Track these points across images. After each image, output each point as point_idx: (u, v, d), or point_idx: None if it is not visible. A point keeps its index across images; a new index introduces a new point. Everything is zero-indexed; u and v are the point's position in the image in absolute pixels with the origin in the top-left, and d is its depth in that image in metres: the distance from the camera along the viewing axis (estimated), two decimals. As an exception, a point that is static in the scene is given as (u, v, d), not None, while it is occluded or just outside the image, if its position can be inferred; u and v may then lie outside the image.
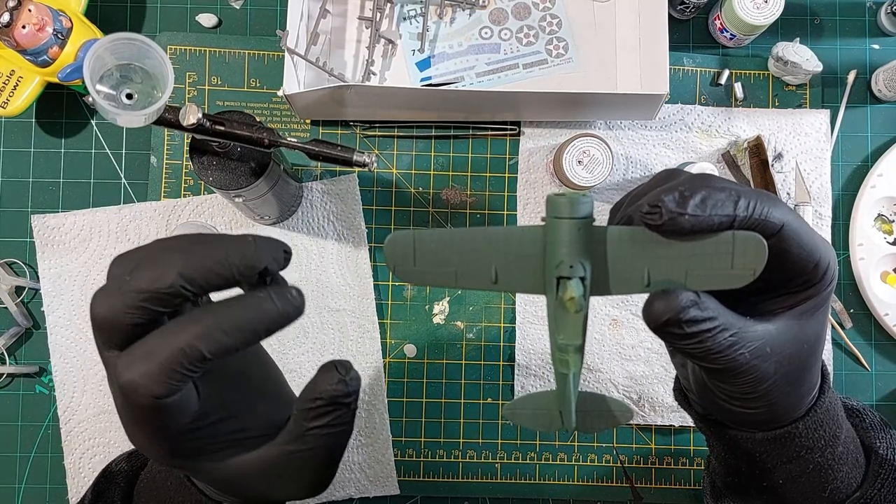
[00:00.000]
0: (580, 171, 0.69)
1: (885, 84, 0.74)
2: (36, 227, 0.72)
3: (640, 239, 0.35)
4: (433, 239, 0.36)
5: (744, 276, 0.34)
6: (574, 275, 0.34)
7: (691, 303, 0.34)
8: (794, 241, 0.35)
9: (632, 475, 0.73)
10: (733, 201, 0.34)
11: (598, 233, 0.35)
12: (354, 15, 0.75)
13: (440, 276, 0.36)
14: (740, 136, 0.74)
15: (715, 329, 0.35)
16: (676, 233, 0.34)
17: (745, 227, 0.34)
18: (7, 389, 0.73)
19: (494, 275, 0.36)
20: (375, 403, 0.73)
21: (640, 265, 0.35)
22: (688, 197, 0.33)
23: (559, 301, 0.35)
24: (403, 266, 0.36)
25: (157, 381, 0.32)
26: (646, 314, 0.35)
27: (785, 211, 0.35)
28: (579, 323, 0.35)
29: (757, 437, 0.42)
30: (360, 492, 0.72)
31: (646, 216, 0.34)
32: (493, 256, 0.36)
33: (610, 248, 0.35)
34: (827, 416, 0.42)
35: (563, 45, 0.75)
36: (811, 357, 0.39)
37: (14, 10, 0.63)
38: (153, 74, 0.50)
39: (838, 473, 0.43)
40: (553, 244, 0.35)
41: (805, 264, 0.36)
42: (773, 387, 0.38)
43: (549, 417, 0.40)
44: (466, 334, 0.74)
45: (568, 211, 0.34)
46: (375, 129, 0.74)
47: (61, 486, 0.72)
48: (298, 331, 0.72)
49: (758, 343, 0.36)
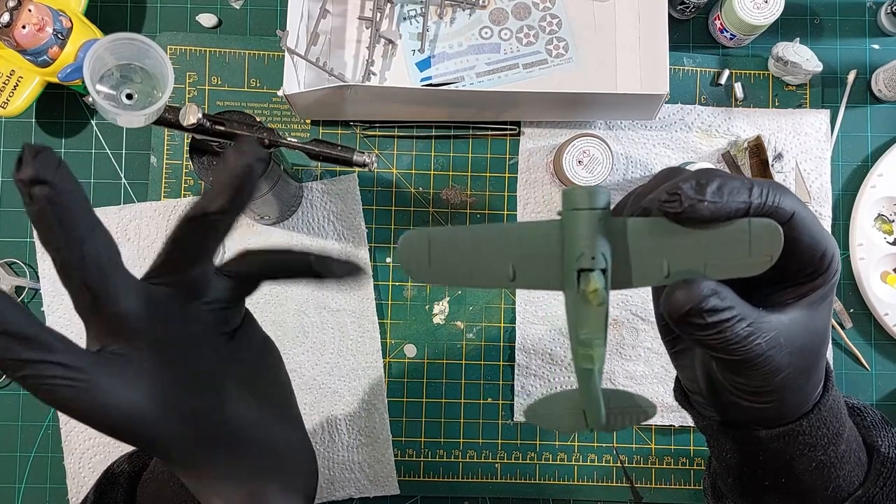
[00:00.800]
0: (580, 171, 0.69)
1: (885, 84, 0.74)
2: (36, 227, 0.72)
3: (658, 229, 0.34)
4: (447, 238, 0.35)
5: (762, 262, 0.34)
6: (596, 266, 0.34)
7: (712, 291, 0.34)
8: (804, 229, 0.35)
9: (632, 475, 0.73)
10: (748, 188, 0.34)
11: (618, 224, 0.35)
12: (354, 15, 0.75)
13: (456, 276, 0.35)
14: (740, 136, 0.74)
15: (734, 319, 0.34)
16: (695, 220, 0.33)
17: (760, 214, 0.34)
18: (7, 389, 0.73)
19: (512, 272, 0.35)
20: (375, 403, 0.73)
21: (659, 256, 0.34)
22: (704, 185, 0.33)
23: (581, 294, 0.34)
24: (418, 267, 0.35)
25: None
26: (667, 305, 0.34)
27: (794, 200, 0.35)
28: (602, 316, 0.35)
29: (761, 435, 0.42)
30: (360, 492, 0.72)
31: (665, 204, 0.33)
32: (509, 253, 0.35)
33: (630, 240, 0.35)
34: (830, 414, 0.42)
35: (563, 45, 0.75)
36: (821, 349, 0.39)
37: (14, 10, 0.63)
38: (153, 74, 0.50)
39: (841, 471, 0.43)
40: (572, 237, 0.34)
41: (814, 253, 0.36)
42: (785, 379, 0.38)
43: (574, 417, 0.39)
44: (466, 334, 0.74)
45: (587, 202, 0.34)
46: (375, 129, 0.74)
47: (61, 486, 0.72)
48: (298, 331, 0.72)
49: (772, 333, 0.36)
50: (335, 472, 0.72)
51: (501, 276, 0.35)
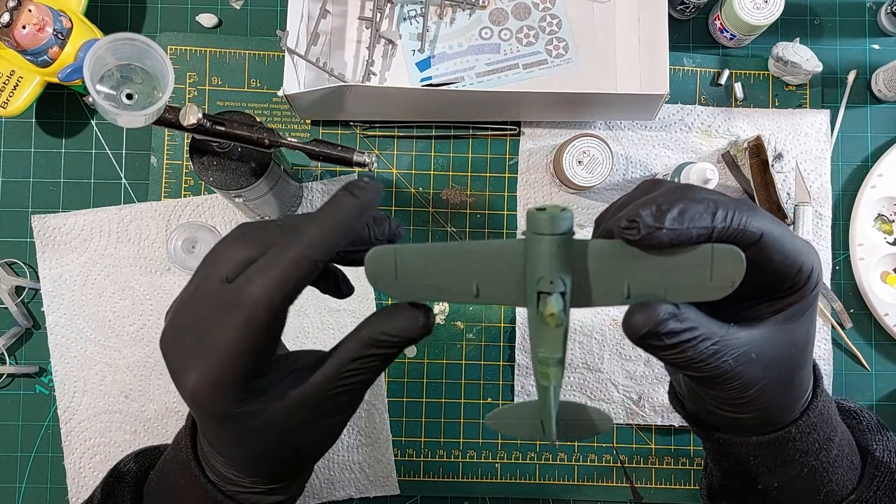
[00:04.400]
0: (580, 171, 0.69)
1: (885, 84, 0.74)
2: (36, 228, 0.72)
3: (619, 252, 0.35)
4: (414, 254, 0.36)
5: (723, 287, 0.34)
6: (554, 290, 0.35)
7: (669, 315, 0.34)
8: (775, 248, 0.35)
9: (632, 475, 0.73)
10: (711, 213, 0.34)
11: (579, 246, 0.35)
12: (354, 15, 0.75)
13: (422, 290, 0.37)
14: (740, 136, 0.74)
15: (696, 339, 0.35)
16: (655, 247, 0.34)
17: (724, 237, 0.34)
18: (7, 389, 0.73)
19: (476, 289, 0.36)
20: (375, 403, 0.73)
21: (620, 278, 0.35)
22: (665, 211, 0.33)
23: (539, 315, 0.35)
24: (385, 280, 0.37)
25: (278, 291, 0.35)
26: (625, 327, 0.35)
27: (764, 220, 0.35)
28: (560, 337, 0.36)
29: (751, 441, 0.42)
30: (360, 492, 0.72)
31: (624, 231, 0.34)
32: (474, 271, 0.36)
33: (591, 262, 0.35)
34: (820, 420, 0.42)
35: (563, 45, 0.75)
36: (800, 360, 0.39)
37: (14, 10, 0.63)
38: (153, 74, 0.50)
39: (833, 476, 0.43)
40: (534, 259, 0.35)
41: (788, 270, 0.36)
42: (761, 392, 0.38)
43: (532, 427, 0.41)
44: (466, 334, 0.74)
45: (549, 227, 0.34)
46: (375, 129, 0.74)
47: (61, 486, 0.72)
48: (298, 331, 0.72)
49: (742, 350, 0.36)
50: (335, 472, 0.72)
51: (465, 292, 0.37)
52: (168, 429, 0.72)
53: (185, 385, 0.37)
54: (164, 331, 0.39)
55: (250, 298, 0.35)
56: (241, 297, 0.35)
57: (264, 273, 0.35)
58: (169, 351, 0.38)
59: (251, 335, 0.35)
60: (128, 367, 0.72)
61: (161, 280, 0.72)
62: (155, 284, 0.72)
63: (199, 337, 0.36)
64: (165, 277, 0.72)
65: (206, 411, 0.38)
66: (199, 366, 0.36)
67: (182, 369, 0.37)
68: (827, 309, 0.74)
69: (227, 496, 0.42)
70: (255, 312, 0.35)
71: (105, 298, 0.72)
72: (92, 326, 0.72)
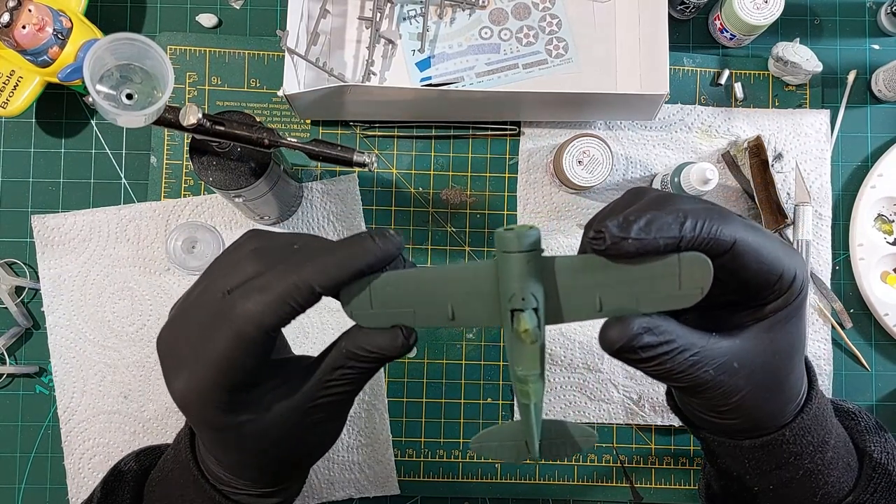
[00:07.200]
0: (580, 171, 0.68)
1: (885, 84, 0.74)
2: (36, 228, 0.72)
3: (590, 266, 0.35)
4: (388, 283, 0.37)
5: (692, 295, 0.34)
6: (526, 307, 0.35)
7: (643, 329, 0.34)
8: (750, 256, 0.35)
9: (632, 475, 0.73)
10: (679, 223, 0.34)
11: (547, 263, 0.36)
12: (354, 15, 0.75)
13: (398, 317, 0.37)
14: (740, 136, 0.74)
15: (673, 351, 0.35)
16: (622, 256, 0.34)
17: (695, 246, 0.34)
18: (7, 389, 0.73)
19: (451, 312, 0.37)
20: (375, 403, 0.73)
21: (592, 292, 0.35)
22: (632, 221, 0.34)
23: (515, 333, 0.36)
24: (361, 310, 0.37)
25: (271, 312, 0.35)
26: (601, 341, 0.35)
27: (738, 227, 0.35)
28: (536, 353, 0.36)
29: (744, 445, 0.42)
30: (360, 492, 0.72)
31: (591, 242, 0.34)
32: (448, 294, 0.37)
33: (559, 278, 0.36)
34: (815, 422, 0.42)
35: (563, 45, 0.75)
36: (787, 366, 0.39)
37: (14, 10, 0.63)
38: (153, 74, 0.50)
39: (829, 478, 0.43)
40: (505, 277, 0.35)
41: (767, 277, 0.36)
42: (745, 399, 0.38)
43: (516, 448, 0.41)
44: (466, 334, 0.74)
45: (516, 245, 0.35)
46: (375, 129, 0.74)
47: (61, 486, 0.72)
48: (298, 331, 0.72)
49: (723, 359, 0.36)
50: (335, 472, 0.72)
51: (441, 316, 0.37)
52: (168, 429, 0.72)
53: (173, 389, 0.37)
54: (161, 332, 0.39)
55: (243, 314, 0.35)
56: (233, 311, 0.35)
57: (262, 291, 0.35)
58: (164, 354, 0.38)
59: (239, 350, 0.35)
60: (127, 367, 0.72)
61: (161, 280, 0.72)
62: (154, 284, 0.72)
63: (192, 345, 0.36)
64: (165, 277, 0.72)
65: (193, 417, 0.38)
66: (187, 373, 0.36)
67: (173, 374, 0.37)
68: (827, 309, 0.74)
69: (225, 496, 0.42)
70: (246, 328, 0.35)
71: (105, 298, 0.72)
72: (91, 326, 0.72)
